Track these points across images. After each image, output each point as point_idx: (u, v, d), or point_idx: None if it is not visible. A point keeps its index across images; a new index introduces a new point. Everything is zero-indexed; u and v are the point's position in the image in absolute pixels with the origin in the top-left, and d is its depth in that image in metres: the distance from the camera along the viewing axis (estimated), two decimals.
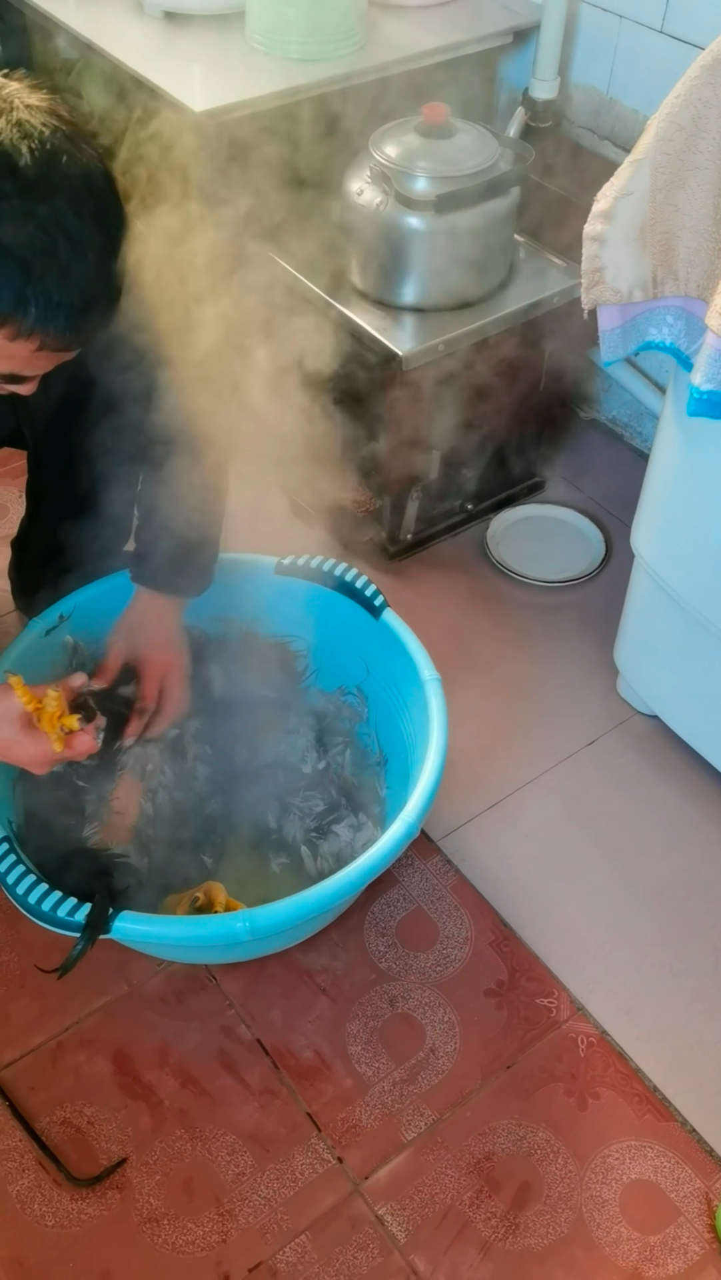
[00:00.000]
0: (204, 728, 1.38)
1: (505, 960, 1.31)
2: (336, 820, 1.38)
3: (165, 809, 1.27)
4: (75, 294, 0.86)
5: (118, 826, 1.25)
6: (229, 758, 1.42)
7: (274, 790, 1.42)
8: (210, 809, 1.34)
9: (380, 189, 1.44)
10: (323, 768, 1.44)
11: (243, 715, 1.44)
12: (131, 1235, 1.10)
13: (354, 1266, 1.08)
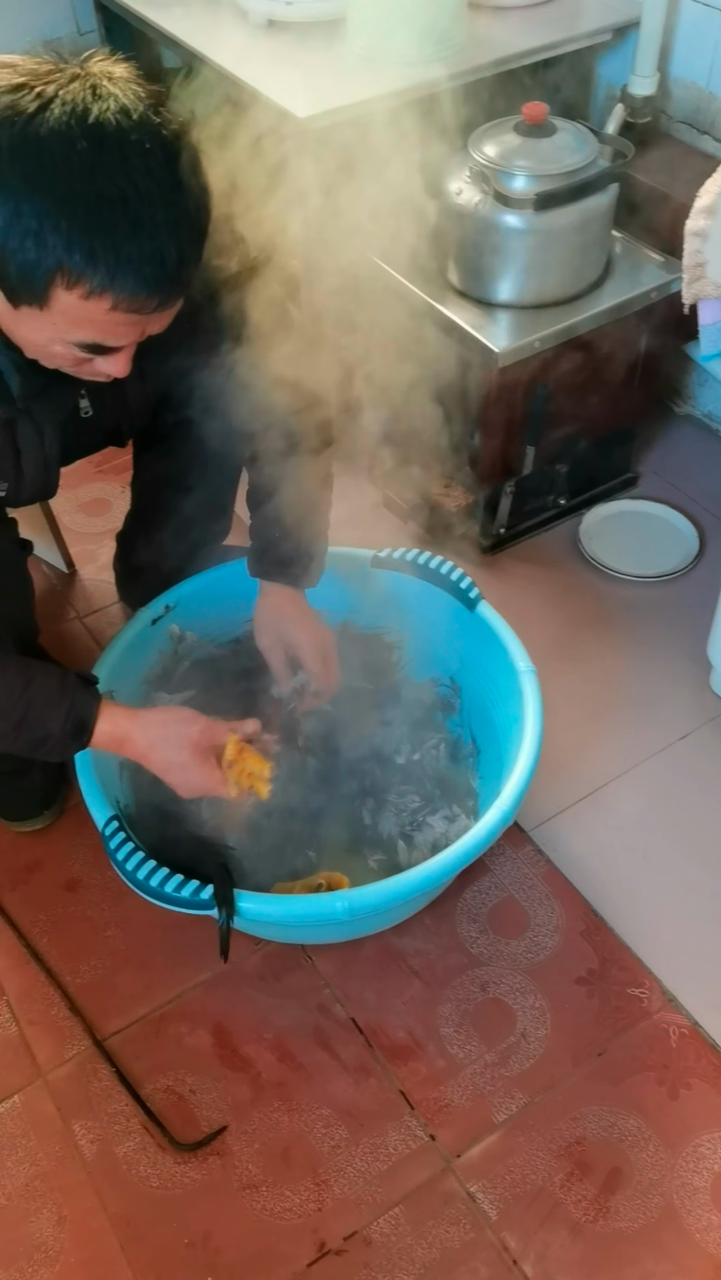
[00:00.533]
0: (312, 720, 1.42)
1: (596, 949, 1.33)
2: (431, 812, 1.41)
3: (278, 800, 1.32)
4: (146, 251, 0.84)
5: (234, 815, 1.29)
6: (334, 751, 1.45)
7: (369, 785, 1.45)
8: (317, 804, 1.38)
9: (479, 188, 1.46)
10: (417, 759, 1.47)
11: (341, 708, 1.48)
12: (231, 1199, 1.15)
13: (446, 1240, 1.11)
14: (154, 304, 0.89)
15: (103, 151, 0.82)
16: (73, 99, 0.82)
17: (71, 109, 0.82)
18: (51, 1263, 1.11)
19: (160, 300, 0.89)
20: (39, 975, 1.33)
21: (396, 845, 1.39)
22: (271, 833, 1.33)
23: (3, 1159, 1.18)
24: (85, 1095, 1.23)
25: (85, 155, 0.81)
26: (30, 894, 1.41)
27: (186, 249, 0.88)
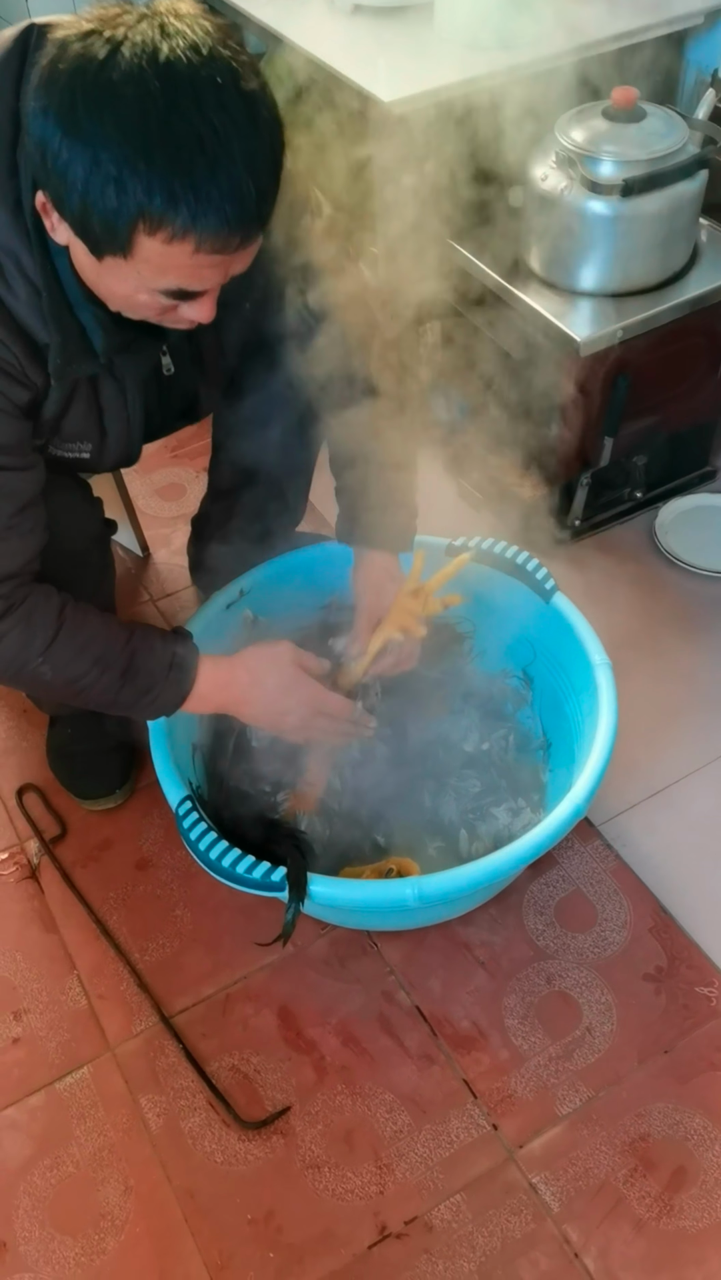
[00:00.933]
0: (381, 707, 1.43)
1: (664, 947, 1.31)
2: (495, 803, 1.40)
3: (349, 784, 1.32)
4: (226, 189, 0.84)
5: (306, 796, 1.30)
6: (401, 743, 1.46)
7: (432, 768, 1.45)
8: (386, 791, 1.39)
9: (565, 174, 1.44)
10: (486, 748, 1.46)
11: (411, 697, 1.48)
12: (294, 1178, 1.16)
13: (507, 1230, 1.11)
14: (236, 241, 0.88)
15: (176, 91, 0.81)
16: (142, 40, 0.82)
17: (141, 50, 0.81)
18: (118, 1231, 1.14)
19: (243, 237, 0.88)
20: (109, 952, 1.35)
21: (458, 833, 1.38)
22: (340, 817, 1.34)
23: (72, 1128, 1.21)
24: (152, 1070, 1.25)
25: (159, 96, 0.81)
26: (101, 872, 1.44)
27: (265, 183, 0.87)
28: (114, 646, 1.12)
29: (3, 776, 1.55)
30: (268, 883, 1.11)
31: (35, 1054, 1.27)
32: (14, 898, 1.42)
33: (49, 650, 1.09)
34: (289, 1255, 1.11)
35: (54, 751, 1.54)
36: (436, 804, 1.41)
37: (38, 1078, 1.25)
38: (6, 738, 1.60)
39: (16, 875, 1.44)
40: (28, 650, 1.09)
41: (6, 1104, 1.23)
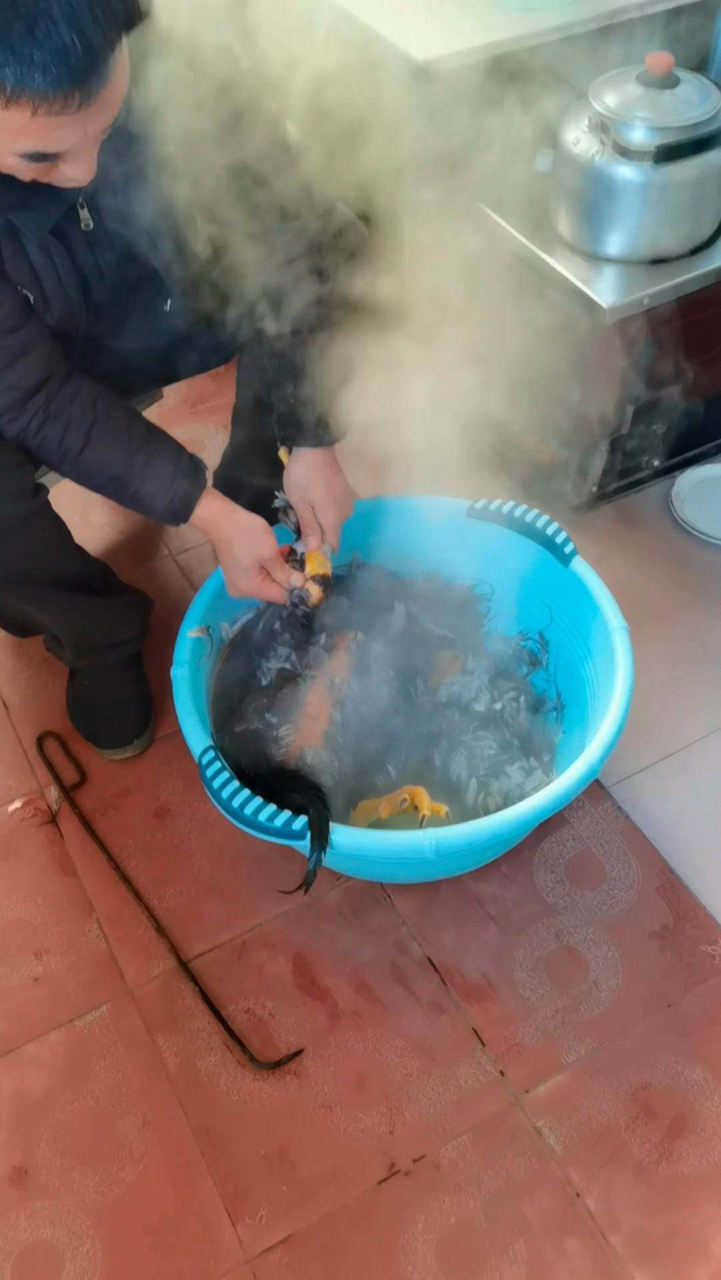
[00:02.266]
0: (386, 653, 1.45)
1: (671, 906, 1.35)
2: (508, 762, 1.43)
3: (352, 719, 1.35)
4: (48, 49, 0.84)
5: (310, 731, 1.33)
6: (407, 690, 1.48)
7: (445, 728, 1.47)
8: (392, 726, 1.41)
9: (597, 138, 1.44)
10: (498, 709, 1.48)
11: (422, 654, 1.50)
12: (307, 1117, 1.20)
13: (512, 1170, 1.15)
14: (76, 99, 0.87)
15: None
16: None
17: None
18: (136, 1163, 1.18)
19: (81, 94, 0.87)
20: (128, 897, 1.39)
21: (467, 787, 1.40)
22: (348, 751, 1.37)
23: (91, 1064, 1.25)
24: (170, 1012, 1.29)
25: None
26: (120, 820, 1.47)
27: (93, 36, 0.85)
28: (131, 472, 1.22)
29: (23, 725, 1.58)
30: (289, 831, 1.14)
31: (56, 992, 1.31)
32: (34, 843, 1.45)
33: (79, 458, 1.22)
34: (301, 1189, 1.15)
35: (73, 702, 1.56)
36: (447, 763, 1.44)
37: (58, 1015, 1.29)
38: (26, 687, 1.63)
39: (37, 821, 1.47)
40: (63, 456, 1.22)
41: (28, 1039, 1.27)
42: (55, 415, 1.20)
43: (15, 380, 1.17)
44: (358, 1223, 1.13)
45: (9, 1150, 1.19)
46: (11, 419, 1.19)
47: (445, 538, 1.50)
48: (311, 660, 1.42)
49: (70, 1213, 1.15)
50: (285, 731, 1.34)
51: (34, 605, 1.37)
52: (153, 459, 1.24)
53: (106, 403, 1.23)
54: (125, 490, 1.25)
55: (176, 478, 1.24)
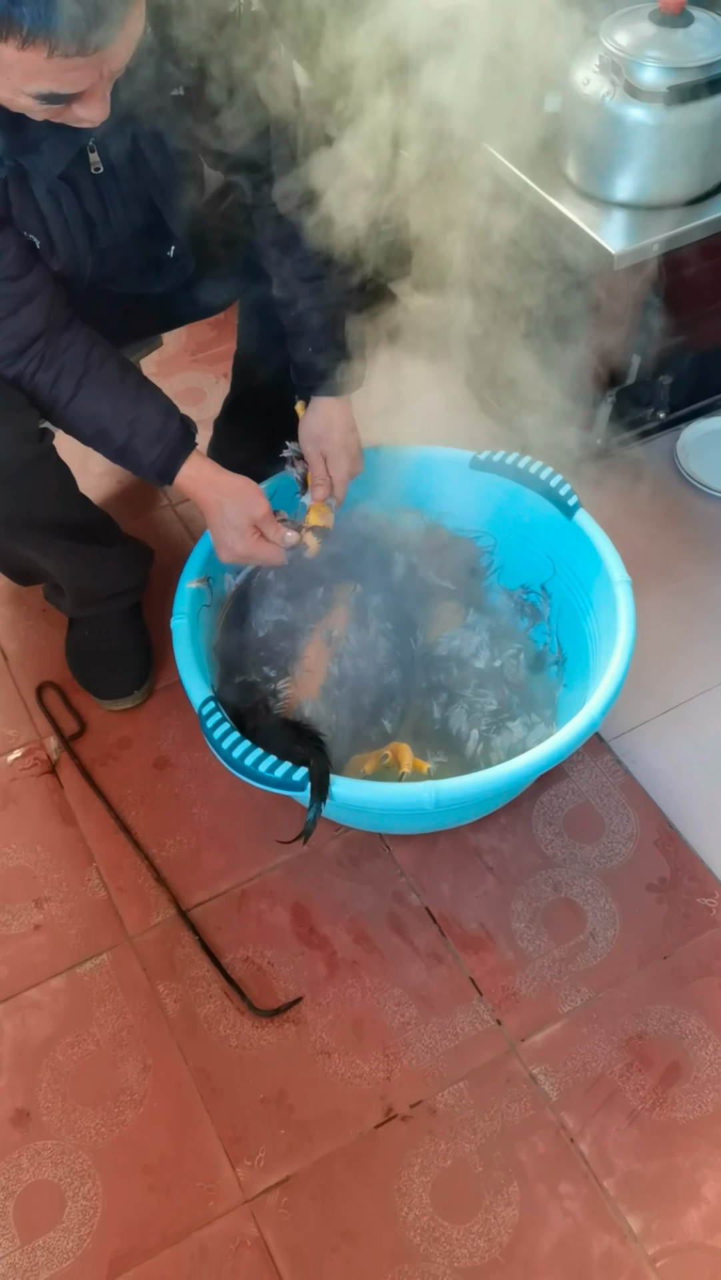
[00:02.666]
0: (385, 606, 1.44)
1: (668, 859, 1.35)
2: (511, 717, 1.43)
3: (349, 672, 1.35)
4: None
5: (307, 684, 1.33)
6: (405, 642, 1.48)
7: (444, 681, 1.47)
8: (389, 679, 1.41)
9: (608, 79, 1.41)
10: (498, 665, 1.48)
11: (422, 606, 1.50)
12: (305, 1063, 1.21)
13: (507, 1115, 1.17)
14: (94, 42, 0.88)
15: None
16: None
17: None
18: (136, 1105, 1.19)
19: (98, 38, 0.88)
20: (127, 847, 1.39)
21: (467, 739, 1.40)
22: (344, 704, 1.36)
23: (92, 1009, 1.26)
24: (169, 960, 1.30)
25: None
26: (120, 770, 1.47)
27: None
28: (119, 423, 1.22)
29: (22, 674, 1.58)
30: (289, 782, 1.14)
31: (56, 939, 1.32)
32: (34, 792, 1.45)
33: (68, 406, 1.21)
34: (299, 1132, 1.17)
35: (73, 652, 1.56)
36: (446, 715, 1.44)
37: (59, 962, 1.30)
38: (26, 636, 1.62)
39: (36, 770, 1.47)
40: (53, 403, 1.21)
41: (30, 985, 1.28)
42: (49, 362, 1.19)
43: (17, 328, 1.16)
44: (355, 1165, 1.15)
45: (11, 1092, 1.20)
46: (9, 364, 1.18)
47: (448, 489, 1.49)
48: (309, 612, 1.41)
49: (71, 1153, 1.16)
50: (282, 685, 1.34)
51: (38, 551, 1.36)
52: (141, 414, 1.23)
53: (101, 354, 1.22)
54: (112, 444, 1.24)
55: (165, 435, 1.24)
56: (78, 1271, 1.10)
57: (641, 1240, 1.09)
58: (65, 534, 1.36)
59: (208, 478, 1.27)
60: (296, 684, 1.33)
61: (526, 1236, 1.10)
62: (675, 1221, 1.10)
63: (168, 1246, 1.11)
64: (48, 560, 1.39)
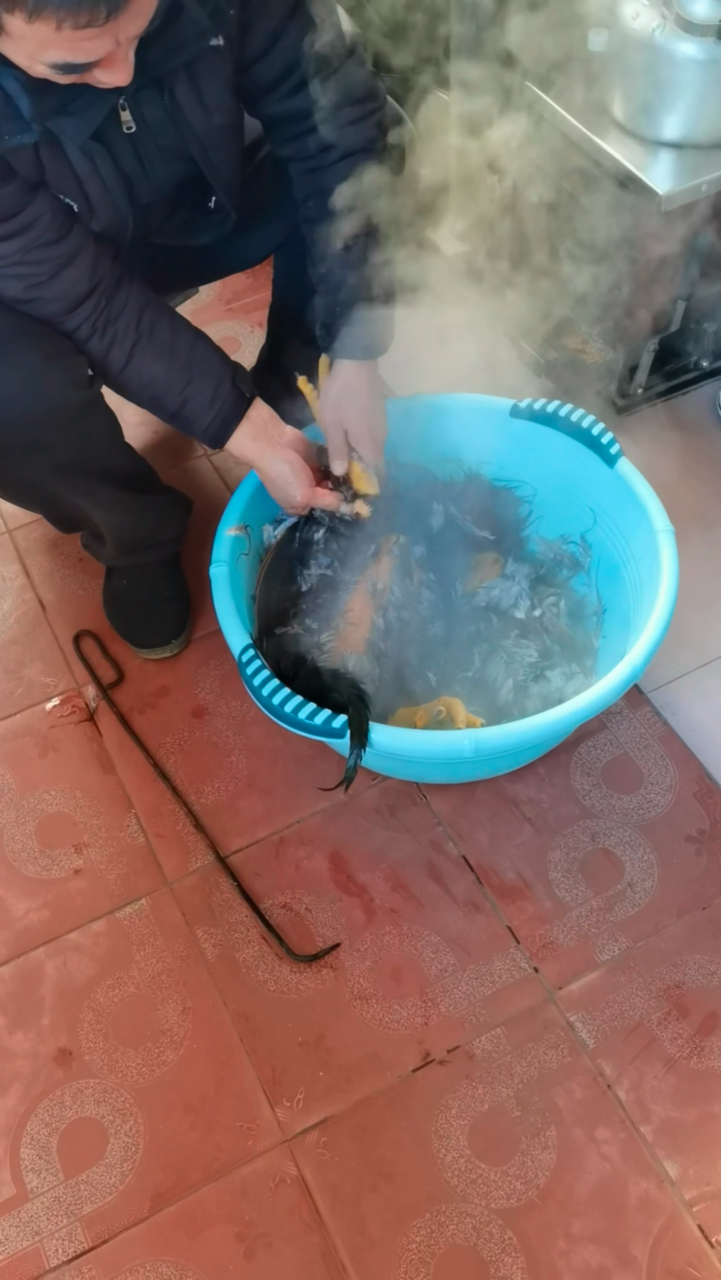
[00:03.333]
0: (428, 557, 1.43)
1: (707, 811, 1.34)
2: (550, 667, 1.42)
3: (394, 625, 1.34)
4: None
5: (352, 637, 1.32)
6: (448, 594, 1.46)
7: (485, 633, 1.46)
8: (433, 632, 1.40)
9: (658, 12, 1.36)
10: (538, 615, 1.47)
11: (462, 556, 1.48)
12: (344, 1007, 1.22)
13: (544, 1061, 1.18)
14: (104, 12, 0.86)
15: None
16: None
17: None
18: (177, 1046, 1.21)
19: (109, 7, 0.86)
20: (166, 793, 1.40)
21: (502, 688, 1.39)
22: (389, 657, 1.36)
23: (133, 953, 1.28)
24: (208, 905, 1.31)
25: None
26: (158, 718, 1.47)
27: None
28: (171, 393, 1.23)
29: (60, 623, 1.58)
30: (329, 729, 1.14)
31: (96, 884, 1.33)
32: (73, 739, 1.46)
33: (122, 373, 1.23)
34: (338, 1074, 1.18)
35: (110, 601, 1.56)
36: (485, 664, 1.43)
37: (99, 906, 1.31)
38: (63, 585, 1.62)
39: (75, 718, 1.48)
40: (107, 370, 1.23)
41: (70, 928, 1.30)
42: (101, 329, 1.19)
43: (61, 291, 1.16)
44: (393, 1107, 1.16)
45: (54, 1032, 1.22)
46: (61, 323, 1.18)
47: (487, 438, 1.47)
48: (355, 566, 1.40)
49: (114, 1091, 1.18)
50: (327, 638, 1.33)
51: (85, 498, 1.36)
52: (193, 381, 1.23)
53: (152, 317, 1.21)
54: (165, 410, 1.26)
55: (216, 401, 1.24)
56: (121, 1205, 1.12)
57: (679, 1185, 1.10)
58: (111, 481, 1.36)
59: (253, 457, 1.29)
60: (341, 636, 1.33)
61: (563, 1179, 1.11)
62: (713, 1167, 1.11)
63: (209, 1182, 1.13)
64: (93, 508, 1.39)
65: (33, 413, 1.18)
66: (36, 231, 1.11)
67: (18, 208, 1.09)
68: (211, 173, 1.21)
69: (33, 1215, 1.12)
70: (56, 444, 1.24)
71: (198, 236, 1.33)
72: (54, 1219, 1.12)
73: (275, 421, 1.30)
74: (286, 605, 1.38)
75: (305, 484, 1.30)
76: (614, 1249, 1.07)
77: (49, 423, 1.20)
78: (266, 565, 1.40)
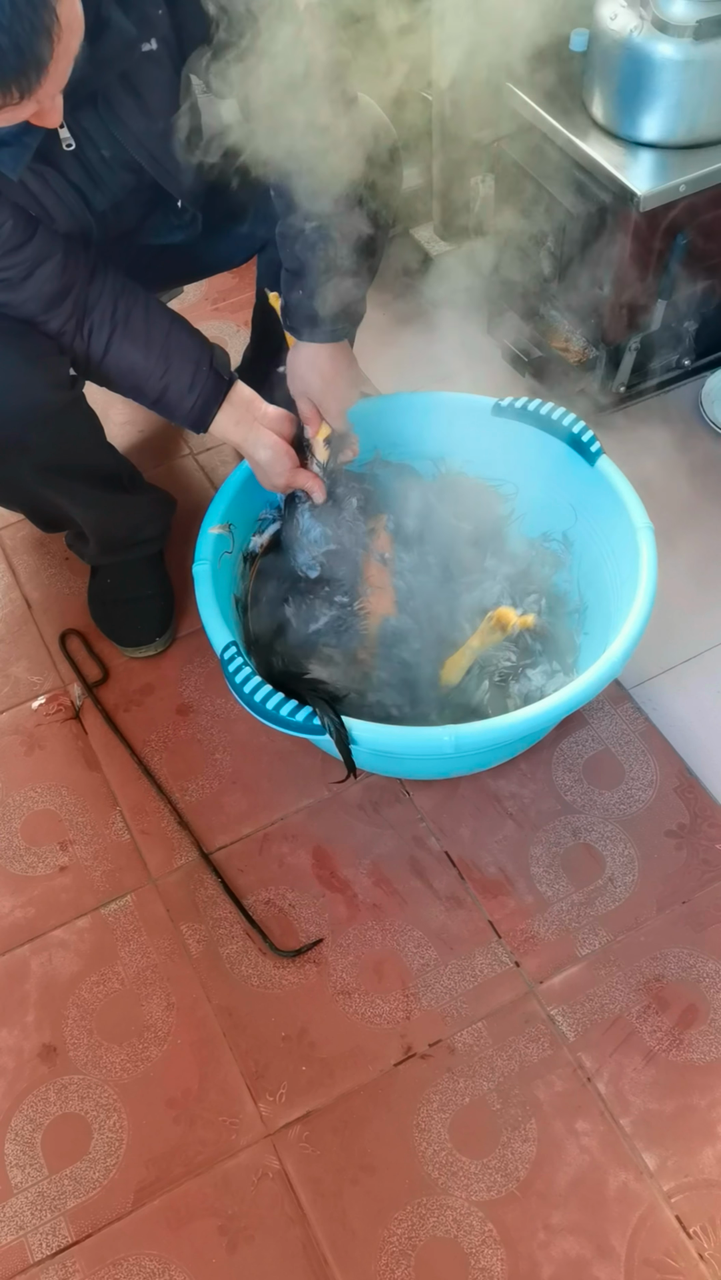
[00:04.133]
0: (419, 531, 1.47)
1: (688, 806, 1.35)
2: (530, 666, 1.43)
3: (415, 587, 1.38)
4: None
5: (381, 600, 1.35)
6: (448, 566, 1.48)
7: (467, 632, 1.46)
8: (453, 588, 1.44)
9: (636, 12, 1.37)
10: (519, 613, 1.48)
11: (444, 555, 1.49)
12: (326, 1002, 1.23)
13: (525, 1054, 1.19)
14: (16, 94, 0.87)
15: None
16: None
17: None
18: (160, 1042, 1.22)
19: (20, 89, 0.87)
20: (150, 791, 1.41)
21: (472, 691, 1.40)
22: (421, 614, 1.40)
23: (117, 949, 1.28)
24: (192, 901, 1.32)
25: None
26: (143, 716, 1.48)
27: (19, 31, 0.84)
28: (150, 380, 1.24)
29: (45, 622, 1.59)
30: (310, 725, 1.14)
31: (81, 881, 1.34)
32: (58, 737, 1.47)
33: (102, 363, 1.24)
34: (320, 1068, 1.19)
35: (95, 600, 1.57)
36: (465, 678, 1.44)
37: (84, 902, 1.32)
38: (49, 584, 1.63)
39: (60, 716, 1.49)
40: (88, 362, 1.24)
41: (56, 925, 1.30)
42: (79, 323, 1.20)
43: (34, 291, 1.17)
44: (375, 1101, 1.17)
45: (39, 1028, 1.23)
46: (44, 323, 1.19)
47: (470, 436, 1.48)
48: (356, 539, 1.41)
49: (98, 1087, 1.19)
50: (358, 605, 1.36)
51: (66, 497, 1.37)
52: (171, 368, 1.24)
53: (126, 305, 1.22)
54: (146, 399, 1.27)
55: (195, 388, 1.25)
56: (104, 1199, 1.13)
57: (657, 1176, 1.11)
58: (93, 481, 1.37)
59: (236, 439, 1.31)
60: (371, 600, 1.34)
61: (543, 1171, 1.12)
62: (691, 1159, 1.12)
63: (192, 1177, 1.14)
64: (75, 507, 1.40)
65: (14, 413, 1.18)
66: (1, 238, 1.12)
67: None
68: (165, 178, 1.19)
69: (17, 1210, 1.13)
70: (38, 444, 1.25)
71: (170, 236, 1.34)
72: (38, 1214, 1.12)
73: (257, 402, 1.31)
74: (302, 599, 1.39)
75: (288, 467, 1.31)
76: (593, 1240, 1.08)
77: (30, 423, 1.21)
78: (255, 576, 1.41)
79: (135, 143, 1.14)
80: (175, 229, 1.33)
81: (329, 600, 1.37)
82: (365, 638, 1.29)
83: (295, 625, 1.37)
